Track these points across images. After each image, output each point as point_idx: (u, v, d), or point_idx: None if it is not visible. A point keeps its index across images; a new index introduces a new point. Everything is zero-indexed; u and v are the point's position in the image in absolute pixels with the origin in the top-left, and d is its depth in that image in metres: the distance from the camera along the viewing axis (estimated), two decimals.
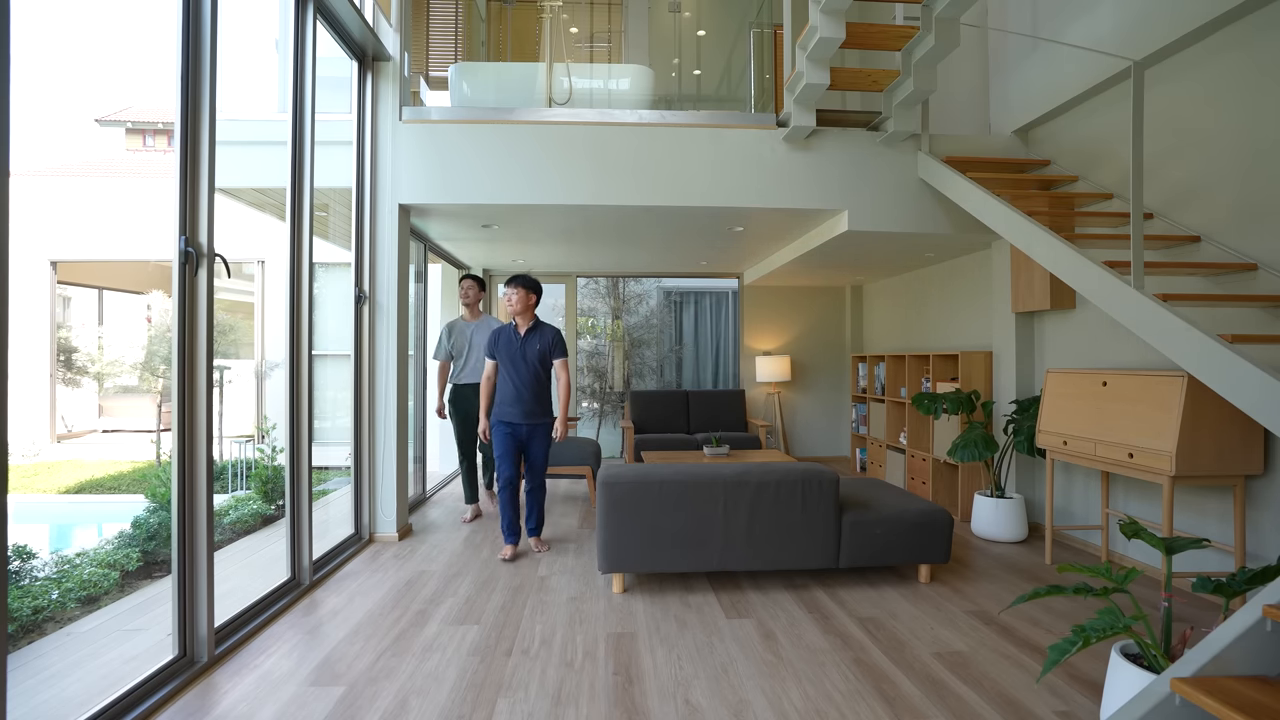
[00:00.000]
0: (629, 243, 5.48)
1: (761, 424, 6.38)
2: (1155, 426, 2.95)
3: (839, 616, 2.86)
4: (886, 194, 4.15)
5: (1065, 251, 2.98)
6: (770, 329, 7.37)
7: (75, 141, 12.25)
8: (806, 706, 2.11)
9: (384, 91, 4.00)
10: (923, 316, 5.92)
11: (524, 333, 3.70)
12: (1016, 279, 4.26)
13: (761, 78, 4.74)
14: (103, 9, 15.36)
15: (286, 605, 2.93)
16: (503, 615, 2.87)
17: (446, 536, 4.16)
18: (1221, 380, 2.26)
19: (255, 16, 3.08)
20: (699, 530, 3.09)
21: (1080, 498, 3.98)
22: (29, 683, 2.23)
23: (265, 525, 4.56)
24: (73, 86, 15.75)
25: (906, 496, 3.48)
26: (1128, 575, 1.93)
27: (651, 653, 2.50)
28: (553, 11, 5.23)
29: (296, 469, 3.13)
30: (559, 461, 4.97)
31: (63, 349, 8.11)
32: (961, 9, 3.34)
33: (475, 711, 2.08)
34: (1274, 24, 2.80)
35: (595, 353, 8.12)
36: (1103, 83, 3.64)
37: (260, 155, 3.93)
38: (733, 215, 4.38)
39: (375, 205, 3.98)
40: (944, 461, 4.95)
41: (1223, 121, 3.05)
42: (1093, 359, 3.82)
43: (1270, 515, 2.86)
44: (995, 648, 2.55)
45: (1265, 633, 1.71)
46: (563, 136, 4.06)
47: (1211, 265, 2.96)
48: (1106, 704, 1.95)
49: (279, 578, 3.07)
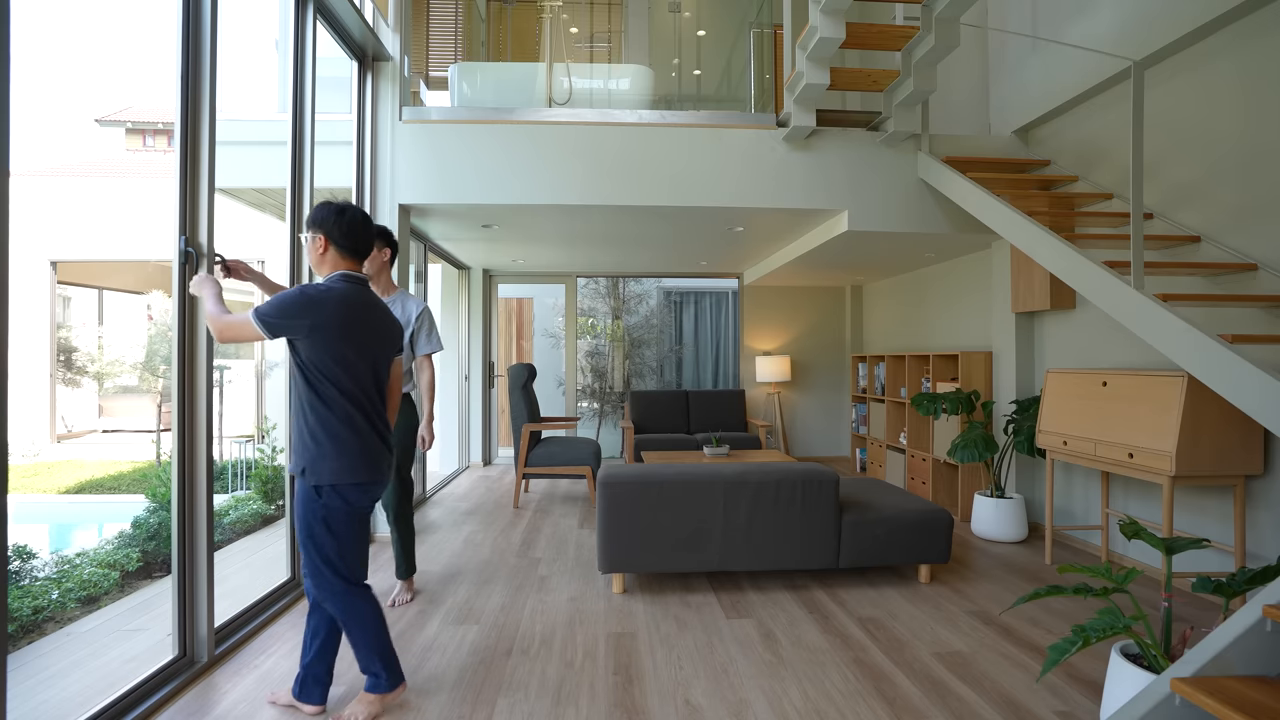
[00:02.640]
0: (629, 243, 5.48)
1: (761, 424, 6.38)
2: (1155, 426, 2.95)
3: (839, 616, 2.86)
4: (886, 194, 4.15)
5: (1065, 252, 2.98)
6: (770, 329, 7.37)
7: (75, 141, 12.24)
8: (806, 706, 2.11)
9: (384, 92, 4.00)
10: (923, 316, 5.92)
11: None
12: (1016, 279, 4.26)
13: (761, 78, 4.74)
14: (103, 9, 15.36)
15: (286, 605, 2.93)
16: (503, 615, 2.87)
17: (446, 536, 4.16)
18: (1221, 380, 2.26)
19: (255, 16, 3.08)
20: (699, 530, 3.09)
21: (1080, 498, 3.98)
22: (29, 683, 2.23)
23: (265, 525, 4.57)
24: (73, 86, 15.75)
25: (906, 496, 3.48)
26: (1128, 575, 1.93)
27: (651, 653, 2.50)
28: (553, 11, 5.23)
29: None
30: (559, 461, 4.97)
31: (63, 349, 8.12)
32: (961, 9, 3.34)
33: (475, 711, 2.08)
34: (1273, 24, 2.80)
35: (595, 353, 8.12)
36: (1103, 83, 3.64)
37: (260, 155, 3.93)
38: (733, 215, 4.38)
39: (375, 205, 3.98)
40: (944, 461, 4.95)
41: (1222, 121, 3.04)
42: (1093, 359, 3.82)
43: (1270, 515, 2.86)
44: (995, 648, 2.55)
45: (1265, 633, 1.71)
46: (563, 137, 4.06)
47: (1211, 265, 2.96)
48: (1106, 704, 1.95)
49: (279, 578, 3.07)
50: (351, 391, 1.93)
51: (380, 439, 2.02)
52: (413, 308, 2.94)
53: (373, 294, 2.05)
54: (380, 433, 2.02)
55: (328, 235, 1.97)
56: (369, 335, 1.98)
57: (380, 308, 2.06)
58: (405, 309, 2.92)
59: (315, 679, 2.07)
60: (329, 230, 1.97)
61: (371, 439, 1.97)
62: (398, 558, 3.05)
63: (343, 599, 1.98)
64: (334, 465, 1.91)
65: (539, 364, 8.08)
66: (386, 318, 2.08)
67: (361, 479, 1.95)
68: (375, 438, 1.99)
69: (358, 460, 1.93)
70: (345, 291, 1.94)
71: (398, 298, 2.96)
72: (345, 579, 1.98)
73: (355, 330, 1.93)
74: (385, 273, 2.91)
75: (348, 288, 1.96)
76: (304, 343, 1.87)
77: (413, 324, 2.90)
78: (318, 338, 1.87)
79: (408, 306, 2.93)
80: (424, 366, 2.97)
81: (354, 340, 1.92)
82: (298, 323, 1.84)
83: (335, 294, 1.91)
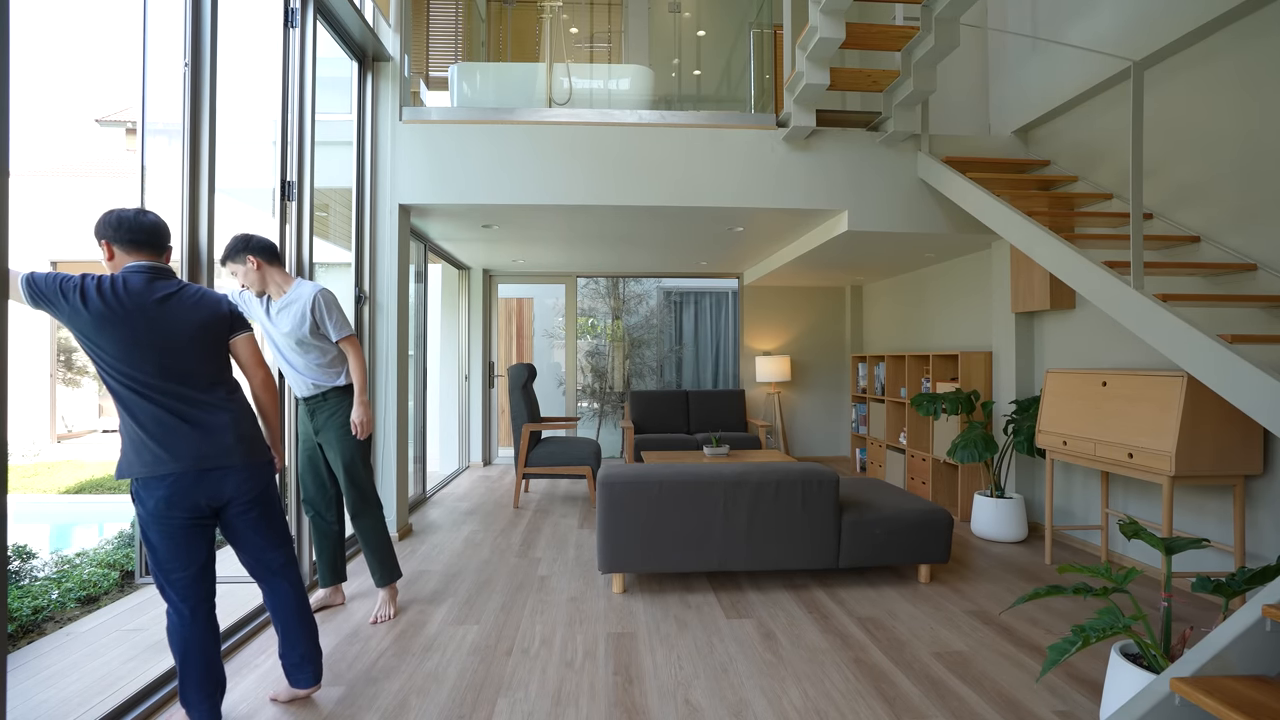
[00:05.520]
0: (629, 243, 5.48)
1: (761, 424, 6.38)
2: (1155, 426, 2.95)
3: (839, 616, 2.86)
4: (886, 194, 4.16)
5: (1065, 252, 2.98)
6: (770, 329, 7.37)
7: (75, 141, 12.24)
8: (806, 706, 2.11)
9: (384, 92, 4.00)
10: (923, 317, 5.92)
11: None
12: (1016, 279, 4.26)
13: (761, 78, 4.74)
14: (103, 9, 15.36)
15: None
16: (503, 615, 2.87)
17: (446, 536, 4.16)
18: (1221, 380, 2.26)
19: (255, 16, 3.08)
20: (699, 530, 3.09)
21: (1080, 498, 3.98)
22: (29, 683, 2.23)
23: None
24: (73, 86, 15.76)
25: (906, 496, 3.48)
26: (1127, 575, 1.93)
27: (651, 653, 2.50)
28: (553, 11, 5.23)
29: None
30: (559, 461, 4.98)
31: (63, 349, 8.11)
32: (961, 9, 3.34)
33: (475, 711, 2.08)
34: (1274, 24, 2.81)
35: (595, 353, 8.13)
36: (1102, 83, 3.64)
37: (260, 155, 3.92)
38: (733, 215, 4.38)
39: (375, 205, 3.98)
40: (944, 461, 4.95)
41: (1222, 121, 3.05)
42: (1092, 359, 3.82)
43: (1270, 515, 2.86)
44: (995, 647, 2.55)
45: (1265, 633, 1.71)
46: (563, 137, 4.06)
47: (1211, 265, 2.96)
48: (1106, 704, 1.95)
49: None
50: (125, 378, 1.73)
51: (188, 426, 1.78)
52: (304, 298, 2.64)
53: (159, 277, 1.84)
54: (185, 419, 1.78)
55: (110, 240, 1.82)
56: (147, 322, 1.76)
57: (171, 291, 1.83)
58: (299, 303, 2.65)
59: (294, 665, 2.06)
60: (109, 235, 1.82)
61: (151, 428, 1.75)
62: (369, 565, 2.86)
63: (168, 618, 1.84)
64: (121, 459, 1.77)
65: (539, 364, 8.08)
66: (175, 301, 1.83)
67: (138, 474, 1.74)
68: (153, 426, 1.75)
69: (133, 454, 1.75)
70: (112, 280, 1.76)
71: (292, 288, 2.68)
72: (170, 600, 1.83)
73: (119, 317, 1.72)
74: (273, 276, 2.65)
75: (119, 275, 1.78)
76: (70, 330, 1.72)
77: (308, 317, 2.63)
78: (76, 326, 1.71)
79: (300, 299, 2.65)
80: (347, 351, 2.74)
81: (119, 328, 1.72)
82: (57, 303, 1.69)
83: (102, 281, 1.74)
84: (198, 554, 1.83)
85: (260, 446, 1.96)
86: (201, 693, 1.85)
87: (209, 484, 1.81)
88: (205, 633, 1.86)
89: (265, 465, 1.97)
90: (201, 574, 1.85)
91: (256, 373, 2.04)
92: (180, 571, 1.80)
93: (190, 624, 1.83)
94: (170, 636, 1.84)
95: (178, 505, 1.77)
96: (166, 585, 1.81)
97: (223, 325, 1.93)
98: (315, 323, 2.65)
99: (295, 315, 2.63)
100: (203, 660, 1.85)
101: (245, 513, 1.91)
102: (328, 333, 2.69)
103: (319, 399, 2.76)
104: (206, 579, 1.87)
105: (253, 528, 1.94)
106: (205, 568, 1.86)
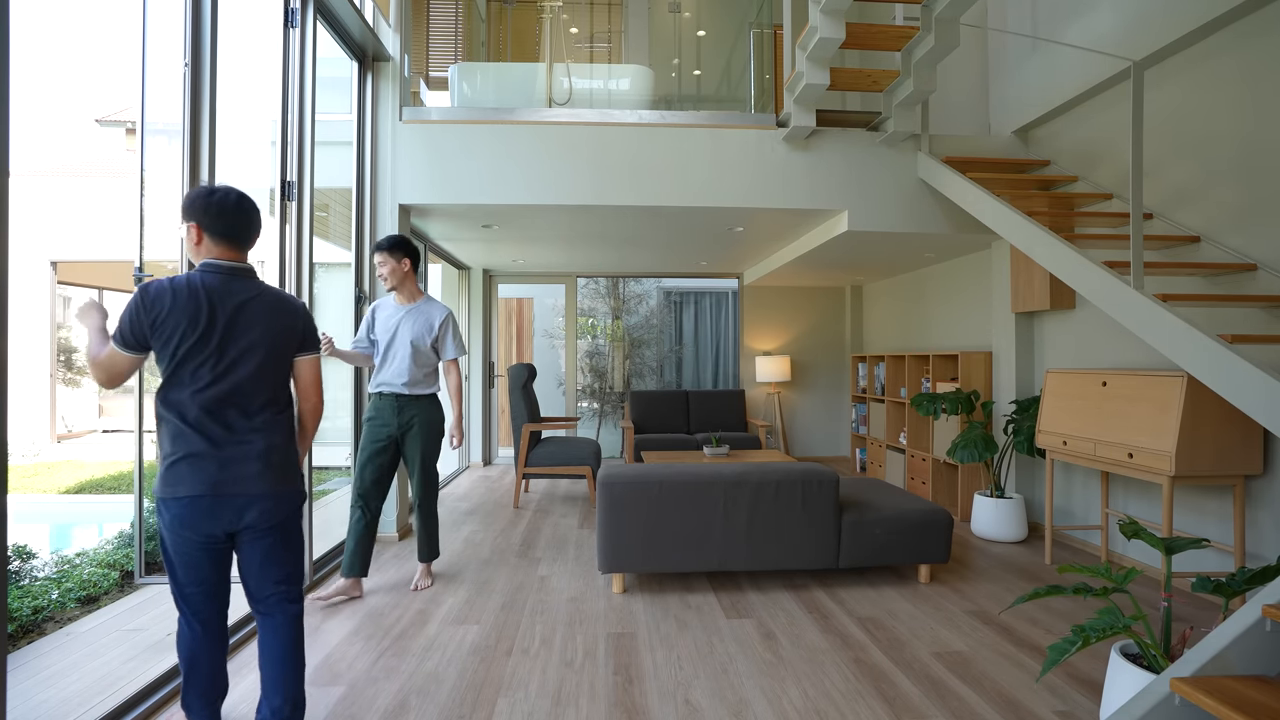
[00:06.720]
0: (629, 243, 5.48)
1: (761, 424, 6.38)
2: (1155, 426, 2.95)
3: (839, 616, 2.86)
4: (886, 194, 4.16)
5: (1065, 252, 2.98)
6: (770, 329, 7.37)
7: (75, 141, 12.24)
8: (806, 706, 2.11)
9: (384, 92, 4.00)
10: (922, 317, 5.92)
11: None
12: (1016, 279, 4.26)
13: (761, 78, 4.74)
14: (103, 9, 15.36)
15: None
16: (503, 615, 2.87)
17: (446, 537, 4.16)
18: (1221, 380, 2.27)
19: (255, 16, 3.09)
20: (699, 530, 3.09)
21: (1080, 498, 3.98)
22: (29, 683, 2.23)
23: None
24: (73, 86, 15.76)
25: (906, 496, 3.48)
26: (1127, 575, 1.94)
27: (651, 653, 2.50)
28: (553, 11, 5.23)
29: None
30: (559, 461, 4.98)
31: (63, 349, 8.12)
32: (961, 9, 3.34)
33: (475, 711, 2.08)
34: (1274, 24, 2.81)
35: (595, 353, 8.13)
36: (1102, 83, 3.64)
37: (260, 155, 3.92)
38: (733, 215, 4.39)
39: (375, 205, 3.98)
40: (944, 461, 4.96)
41: (1222, 121, 3.05)
42: (1092, 359, 3.82)
43: (1270, 515, 2.86)
44: (995, 648, 2.55)
45: (1265, 633, 1.71)
46: (563, 137, 4.06)
47: (1211, 265, 2.96)
48: (1106, 704, 1.96)
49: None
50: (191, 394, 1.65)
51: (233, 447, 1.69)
52: (436, 314, 3.11)
53: (248, 284, 1.75)
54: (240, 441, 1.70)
55: (198, 223, 1.70)
56: (229, 329, 1.68)
57: (258, 298, 1.75)
58: (429, 316, 3.10)
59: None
60: (198, 217, 1.70)
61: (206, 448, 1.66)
62: (419, 543, 3.25)
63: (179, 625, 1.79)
64: (161, 476, 1.66)
65: (539, 364, 8.08)
66: (260, 310, 1.75)
67: (180, 493, 1.65)
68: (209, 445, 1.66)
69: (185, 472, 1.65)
70: (193, 281, 1.66)
71: (421, 305, 3.13)
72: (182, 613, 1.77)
73: (201, 323, 1.64)
74: (409, 282, 3.10)
75: (202, 276, 1.68)
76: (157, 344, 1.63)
77: (435, 330, 3.09)
78: (160, 335, 1.62)
79: (431, 313, 3.11)
80: (450, 371, 3.18)
81: (203, 335, 1.65)
82: (140, 323, 1.60)
83: (178, 284, 1.64)
84: (211, 573, 1.75)
85: (292, 474, 1.83)
86: (204, 700, 1.81)
87: (228, 510, 1.70)
88: (214, 645, 1.81)
89: (294, 494, 1.83)
90: (215, 590, 1.78)
91: (311, 397, 1.95)
92: (194, 587, 1.74)
93: (201, 637, 1.78)
94: (179, 643, 1.79)
95: (190, 526, 1.68)
96: (180, 598, 1.75)
97: (293, 339, 1.84)
98: (439, 336, 3.10)
99: (422, 324, 3.07)
100: (209, 670, 1.80)
101: (260, 539, 1.77)
102: (444, 348, 3.13)
103: (410, 399, 3.08)
104: (220, 595, 1.80)
105: (265, 554, 1.80)
106: (219, 585, 1.79)
